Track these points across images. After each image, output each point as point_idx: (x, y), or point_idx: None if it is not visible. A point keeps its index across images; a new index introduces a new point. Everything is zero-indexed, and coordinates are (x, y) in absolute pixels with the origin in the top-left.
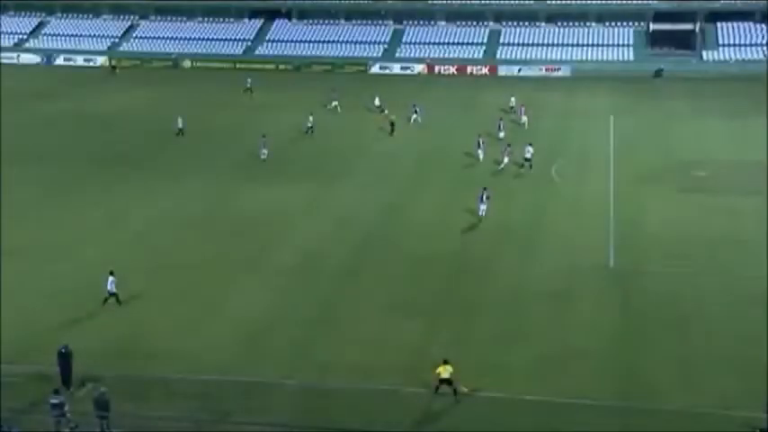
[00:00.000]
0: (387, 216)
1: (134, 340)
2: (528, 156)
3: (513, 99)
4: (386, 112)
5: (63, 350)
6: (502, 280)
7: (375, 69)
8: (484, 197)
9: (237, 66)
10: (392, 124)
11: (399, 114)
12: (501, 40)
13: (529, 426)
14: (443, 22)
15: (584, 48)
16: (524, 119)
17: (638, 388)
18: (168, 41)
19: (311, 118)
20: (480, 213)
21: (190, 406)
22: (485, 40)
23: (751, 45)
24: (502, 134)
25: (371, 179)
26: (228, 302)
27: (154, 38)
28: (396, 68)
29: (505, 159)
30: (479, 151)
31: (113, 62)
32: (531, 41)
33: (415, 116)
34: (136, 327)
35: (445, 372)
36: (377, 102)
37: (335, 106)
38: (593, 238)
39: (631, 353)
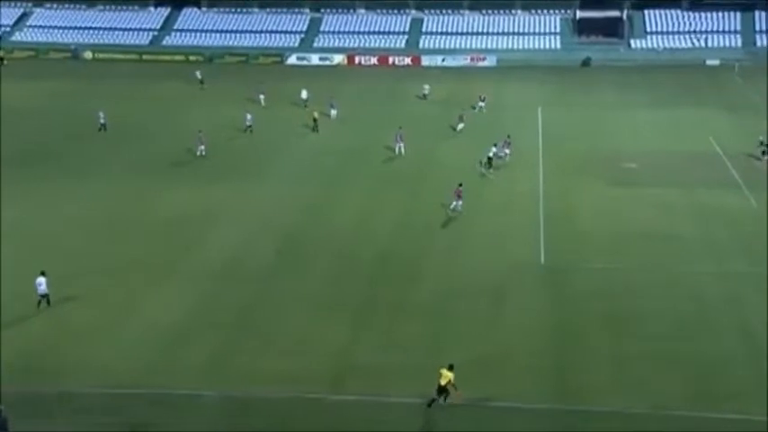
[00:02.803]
0: (309, 215)
1: (40, 352)
2: (491, 155)
3: (426, 87)
4: (308, 107)
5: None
6: (430, 280)
7: (292, 60)
8: (457, 194)
9: (143, 57)
10: (315, 120)
11: (319, 109)
12: (424, 29)
13: None
14: (363, 11)
15: (510, 36)
16: (482, 105)
17: (572, 389)
18: (66, 31)
19: (249, 116)
20: (453, 208)
21: (98, 422)
22: (407, 29)
23: (679, 33)
24: (461, 126)
25: (293, 177)
26: (144, 309)
27: (50, 27)
28: (314, 59)
29: (506, 151)
30: (399, 145)
31: (0, 53)
32: (454, 30)
33: (333, 111)
34: (43, 337)
35: (444, 378)
36: (304, 95)
37: (261, 99)
38: (524, 234)
39: (564, 353)
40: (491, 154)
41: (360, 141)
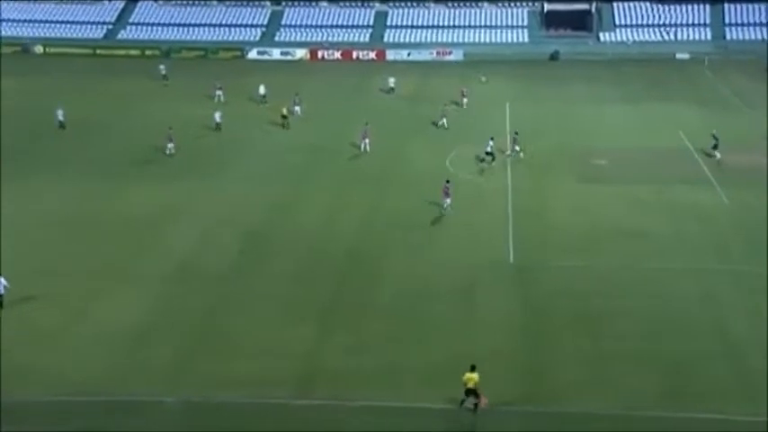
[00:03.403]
0: (274, 213)
1: None
2: (489, 149)
3: (391, 80)
4: (267, 104)
5: None
6: (398, 279)
7: (253, 55)
8: (445, 191)
9: (97, 52)
10: (284, 117)
11: (283, 105)
12: (388, 23)
13: None
14: (326, 3)
15: (477, 30)
16: (465, 101)
17: (543, 390)
18: (16, 24)
19: (218, 114)
20: (445, 206)
21: None
22: (371, 23)
23: (649, 26)
24: (443, 121)
25: (259, 175)
26: (102, 311)
27: None
28: (275, 54)
29: (516, 148)
30: (365, 142)
31: None
32: (420, 23)
33: (297, 108)
34: None
35: (470, 381)
36: (261, 91)
37: (219, 96)
38: (492, 232)
39: (535, 353)
40: (489, 148)
41: (325, 138)
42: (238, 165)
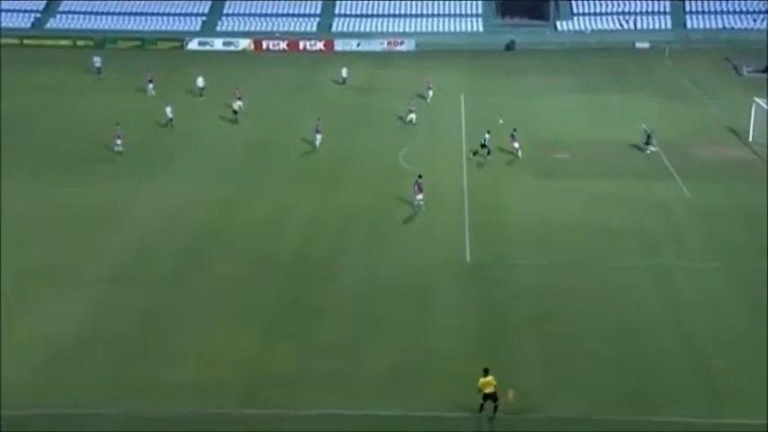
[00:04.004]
0: (219, 213)
1: None
2: (484, 142)
3: (344, 71)
4: (204, 97)
5: None
6: (349, 280)
7: (193, 45)
8: (417, 187)
9: (24, 42)
10: (235, 112)
11: (224, 99)
12: (337, 11)
13: None
14: None
15: (430, 19)
16: (430, 94)
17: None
18: None
19: (169, 109)
20: (418, 203)
21: None
22: (318, 12)
23: (607, 14)
24: (411, 116)
25: (203, 173)
26: (35, 319)
27: None
28: (217, 44)
29: (516, 145)
30: (317, 137)
31: None
32: (370, 12)
33: (238, 102)
34: None
35: (488, 386)
36: (200, 83)
37: (151, 90)
38: (448, 230)
39: (494, 355)
40: (484, 141)
41: (275, 133)
42: (185, 161)
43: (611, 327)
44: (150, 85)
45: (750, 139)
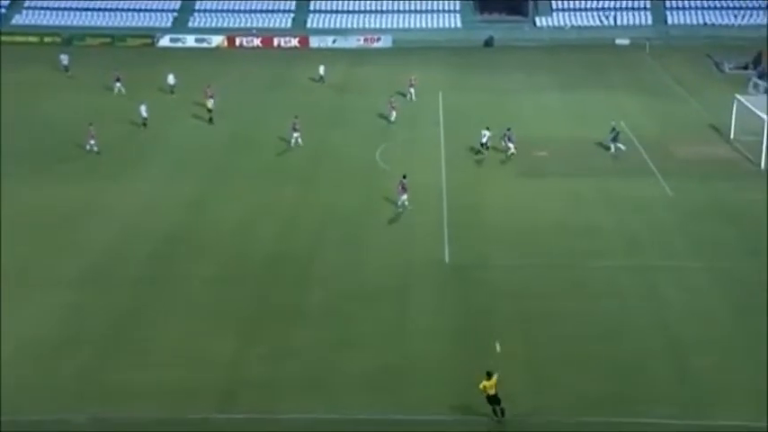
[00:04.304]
0: (191, 214)
1: None
2: (484, 140)
3: (321, 68)
4: (175, 94)
5: None
6: (326, 282)
7: (165, 42)
8: (401, 187)
9: None
10: (210, 111)
11: (197, 97)
12: (312, 8)
13: None
14: None
15: (407, 15)
16: (412, 90)
17: (482, 397)
18: None
19: (143, 108)
20: (403, 203)
21: None
22: (293, 8)
23: (587, 10)
24: (394, 115)
25: (174, 172)
26: (4, 322)
27: None
28: (190, 41)
29: (510, 145)
30: (295, 136)
31: None
32: (345, 8)
33: (211, 101)
34: None
35: (492, 388)
36: (170, 80)
37: (119, 88)
38: (427, 230)
39: (473, 358)
40: (485, 139)
41: (249, 132)
42: (159, 161)
43: (593, 328)
44: (118, 84)
45: (732, 136)
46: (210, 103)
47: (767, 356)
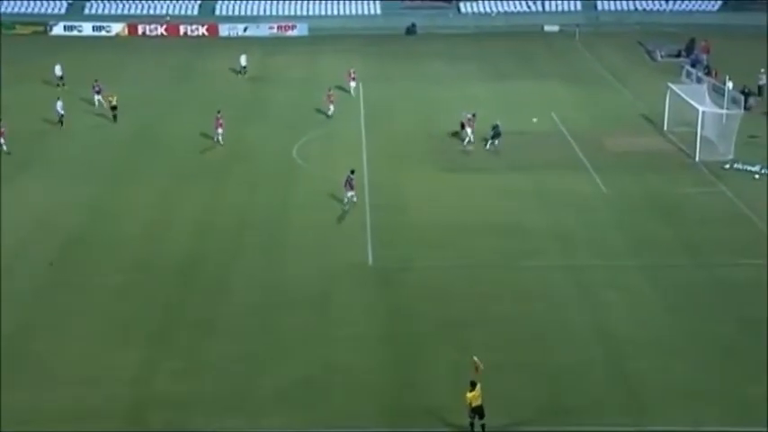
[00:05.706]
0: (96, 218)
1: None
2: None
3: (243, 58)
4: (65, 86)
5: None
6: (242, 290)
7: (58, 30)
8: (348, 183)
9: None
10: (114, 108)
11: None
12: None
13: None
14: None
15: (322, 1)
16: (352, 84)
17: (411, 408)
18: None
19: (60, 104)
20: (350, 200)
21: None
22: None
23: None
24: (332, 109)
25: (75, 172)
26: None
27: None
28: (87, 29)
29: (468, 130)
30: (217, 132)
31: None
32: None
33: (96, 97)
34: None
35: (477, 399)
36: (58, 71)
37: None
38: (348, 231)
39: (401, 365)
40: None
41: (155, 129)
42: (56, 161)
43: (526, 332)
44: None
45: (665, 127)
46: (114, 99)
47: (704, 357)
